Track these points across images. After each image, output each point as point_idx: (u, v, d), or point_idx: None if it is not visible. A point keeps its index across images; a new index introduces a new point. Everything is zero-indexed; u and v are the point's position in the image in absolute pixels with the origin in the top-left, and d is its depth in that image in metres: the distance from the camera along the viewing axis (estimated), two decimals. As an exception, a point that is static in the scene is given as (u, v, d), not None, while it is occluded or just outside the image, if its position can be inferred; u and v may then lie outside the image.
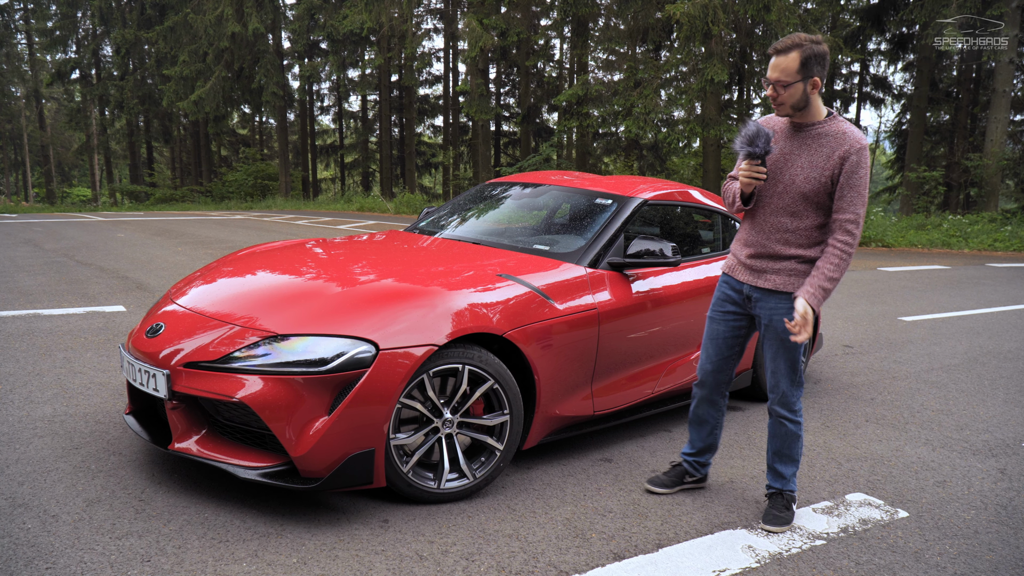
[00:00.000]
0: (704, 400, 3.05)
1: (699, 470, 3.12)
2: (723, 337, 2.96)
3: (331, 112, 40.03)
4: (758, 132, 2.62)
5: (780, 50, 2.61)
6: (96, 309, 6.23)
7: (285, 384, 2.61)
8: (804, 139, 2.71)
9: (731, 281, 2.95)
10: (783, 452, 2.91)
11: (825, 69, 2.63)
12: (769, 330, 2.83)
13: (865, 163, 2.63)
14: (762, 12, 16.12)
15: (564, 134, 28.79)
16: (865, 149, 2.64)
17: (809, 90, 2.63)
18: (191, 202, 30.26)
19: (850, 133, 2.65)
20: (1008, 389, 4.87)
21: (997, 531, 2.88)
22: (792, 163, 2.72)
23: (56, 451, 3.23)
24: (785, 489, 2.91)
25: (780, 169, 2.74)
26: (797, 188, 2.70)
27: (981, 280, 10.07)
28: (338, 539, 2.60)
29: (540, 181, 4.44)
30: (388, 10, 24.55)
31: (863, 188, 2.63)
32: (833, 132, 2.68)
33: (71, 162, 47.79)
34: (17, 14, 38.69)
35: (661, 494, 3.08)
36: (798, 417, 2.89)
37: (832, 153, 2.64)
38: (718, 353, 2.98)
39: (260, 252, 3.90)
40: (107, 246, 11.03)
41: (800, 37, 2.60)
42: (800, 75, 2.59)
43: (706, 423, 3.08)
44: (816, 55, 2.58)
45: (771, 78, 2.64)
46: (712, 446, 3.11)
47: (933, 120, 27.22)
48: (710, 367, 3.00)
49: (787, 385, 2.85)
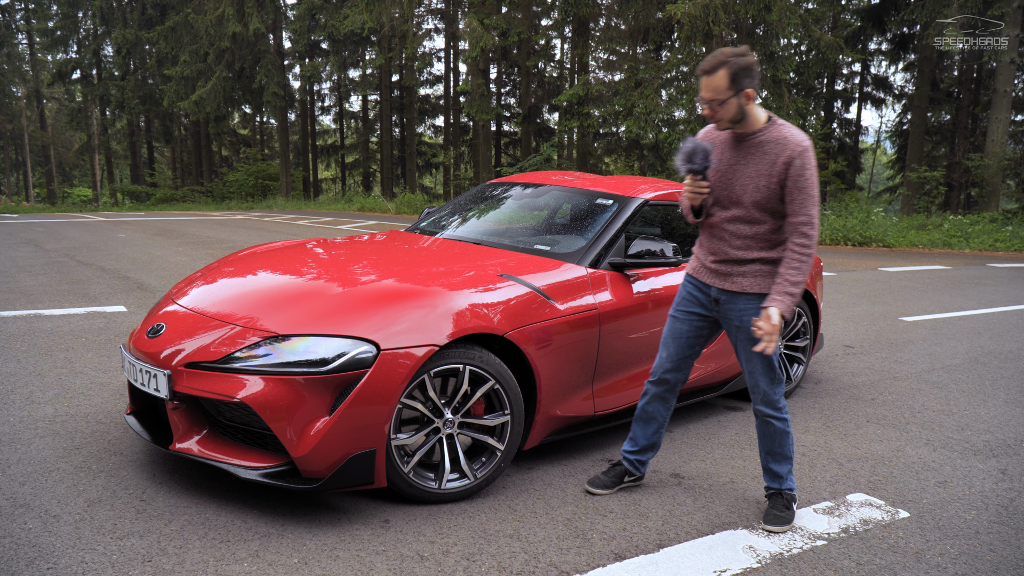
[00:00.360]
0: (657, 397, 3.05)
1: (639, 468, 3.12)
2: (685, 336, 2.97)
3: (332, 112, 40.05)
4: (695, 149, 2.67)
5: (707, 70, 2.65)
6: (97, 309, 6.23)
7: (286, 384, 2.61)
8: (747, 148, 2.75)
9: (696, 283, 2.97)
10: (775, 451, 2.91)
11: (755, 79, 2.66)
12: (741, 331, 2.84)
13: (810, 164, 2.65)
14: (763, 12, 16.11)
15: (565, 134, 28.79)
16: (808, 151, 2.66)
17: (743, 102, 2.66)
18: (192, 202, 30.28)
19: (791, 137, 2.67)
20: (1009, 389, 4.87)
21: (998, 531, 2.88)
22: (740, 173, 2.75)
23: (57, 451, 3.23)
24: (784, 488, 2.91)
25: (729, 180, 2.78)
26: (748, 197, 2.74)
27: (982, 280, 10.07)
28: (339, 539, 2.60)
29: (541, 181, 4.44)
30: (389, 10, 24.54)
31: (812, 189, 2.65)
32: (775, 139, 2.70)
33: (72, 162, 47.82)
34: (18, 14, 38.70)
35: (601, 495, 3.06)
36: (784, 414, 2.90)
37: (776, 159, 2.67)
38: (679, 352, 2.98)
39: (261, 252, 3.91)
40: (108, 246, 11.03)
41: (724, 54, 2.64)
42: (732, 90, 2.63)
43: (654, 420, 3.08)
44: (743, 68, 2.62)
45: (705, 97, 2.67)
46: (655, 444, 3.12)
47: (934, 120, 27.22)
48: (669, 365, 3.00)
49: (767, 384, 2.86)
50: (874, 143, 36.97)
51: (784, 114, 17.79)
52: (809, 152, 2.66)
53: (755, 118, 2.73)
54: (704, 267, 2.93)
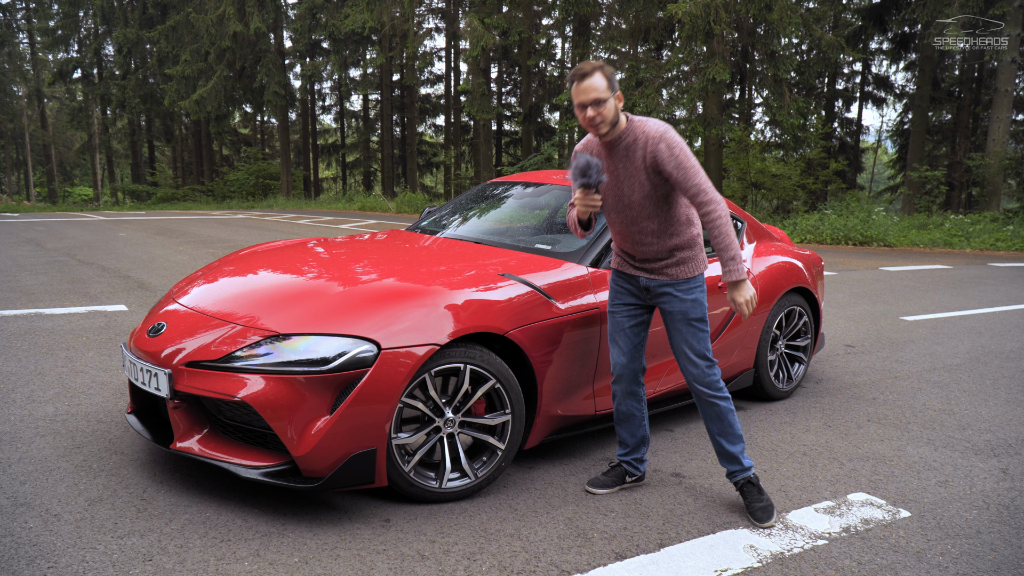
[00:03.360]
0: (626, 394, 3.09)
1: (638, 468, 3.15)
2: (628, 327, 3.04)
3: (333, 111, 40.05)
4: (588, 163, 2.72)
5: (585, 74, 2.74)
6: (98, 308, 6.24)
7: (287, 383, 2.61)
8: (619, 154, 2.85)
9: (623, 275, 3.05)
10: (725, 431, 2.95)
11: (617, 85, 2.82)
12: (670, 316, 2.94)
13: (673, 144, 2.73)
14: (764, 11, 16.09)
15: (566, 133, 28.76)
16: (665, 134, 2.75)
17: (617, 104, 2.78)
18: (193, 201, 30.28)
19: (647, 131, 2.78)
20: (1010, 389, 4.86)
21: (999, 531, 2.87)
22: (621, 179, 2.86)
23: (58, 450, 3.23)
24: (745, 469, 2.95)
25: (616, 188, 2.89)
26: (637, 196, 2.84)
27: (983, 280, 10.06)
28: (340, 538, 2.60)
29: (542, 180, 4.44)
30: (390, 9, 24.54)
31: (686, 162, 2.73)
32: (635, 137, 2.80)
33: (73, 161, 47.84)
34: (19, 13, 38.72)
35: (601, 495, 3.07)
36: (724, 392, 2.95)
37: (643, 157, 2.78)
38: (628, 343, 3.04)
39: (262, 251, 3.91)
40: (109, 245, 11.04)
41: (594, 62, 2.77)
42: (610, 90, 2.74)
43: (633, 416, 3.11)
44: (612, 72, 2.79)
45: (588, 100, 2.73)
46: (644, 439, 3.14)
47: (935, 119, 27.19)
48: (624, 359, 3.05)
49: (705, 364, 2.92)
50: (875, 142, 36.92)
51: (784, 114, 17.78)
52: (667, 134, 2.75)
53: (621, 122, 2.83)
54: (627, 263, 3.02)
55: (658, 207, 2.83)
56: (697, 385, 2.94)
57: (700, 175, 2.75)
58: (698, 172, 2.75)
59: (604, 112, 2.74)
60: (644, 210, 2.85)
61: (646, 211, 2.85)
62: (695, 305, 2.90)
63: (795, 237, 15.38)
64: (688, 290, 2.90)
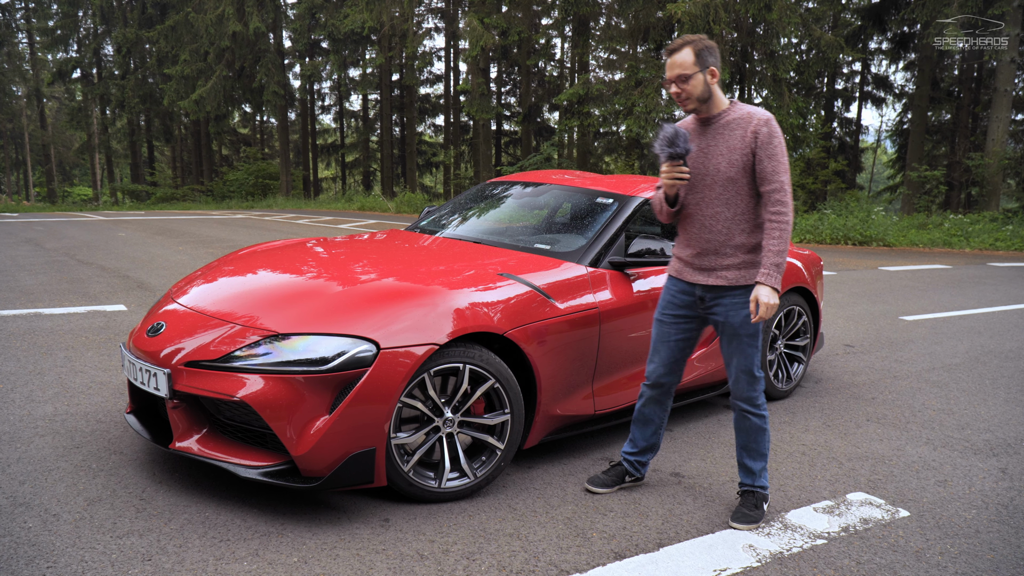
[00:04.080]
0: (652, 400, 3.06)
1: (639, 470, 3.13)
2: (674, 340, 2.98)
3: (332, 111, 40.03)
4: (676, 132, 2.69)
5: (673, 50, 2.74)
6: (97, 308, 6.23)
7: (286, 383, 2.61)
8: (715, 131, 2.81)
9: (680, 284, 2.97)
10: (750, 446, 2.92)
11: (718, 60, 2.77)
12: (726, 327, 2.86)
13: (776, 133, 2.72)
14: (763, 11, 16.10)
15: (565, 133, 28.77)
16: (772, 120, 2.74)
17: (709, 80, 2.75)
18: (192, 201, 30.27)
19: (755, 112, 2.76)
20: (1009, 388, 4.86)
21: (998, 531, 2.87)
22: (711, 154, 2.80)
23: (57, 450, 3.23)
24: (756, 486, 2.92)
25: (702, 163, 2.82)
26: (722, 175, 2.77)
27: (982, 279, 10.06)
28: (339, 538, 2.60)
29: (541, 180, 4.44)
30: (389, 9, 24.53)
31: (780, 156, 2.71)
32: (739, 116, 2.78)
33: (72, 161, 47.81)
34: (18, 13, 38.69)
35: (601, 493, 3.07)
36: (762, 411, 2.91)
37: (744, 134, 2.74)
38: (670, 356, 2.99)
39: (261, 251, 3.90)
40: (108, 245, 11.03)
41: (688, 36, 2.75)
42: (698, 66, 2.71)
43: (651, 423, 3.09)
44: (707, 47, 2.74)
45: (672, 76, 2.74)
46: (655, 446, 3.12)
47: (934, 119, 27.19)
48: (662, 370, 3.01)
49: (747, 380, 2.88)
50: (874, 142, 36.92)
51: (784, 113, 17.79)
52: (773, 122, 2.74)
53: (719, 99, 2.81)
54: (686, 265, 2.94)
55: (738, 195, 2.77)
56: (734, 398, 2.92)
57: (787, 175, 2.71)
58: (786, 171, 2.71)
59: (688, 88, 2.72)
60: (724, 193, 2.78)
61: (725, 195, 2.78)
62: (748, 320, 2.80)
63: (794, 237, 15.38)
64: (744, 303, 2.80)
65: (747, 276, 2.81)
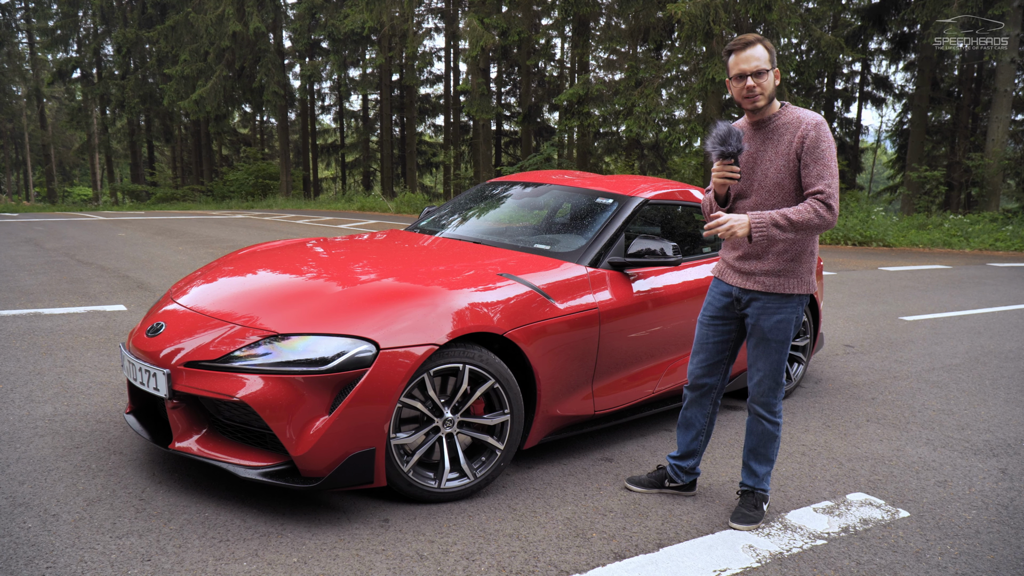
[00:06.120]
0: (693, 403, 3.05)
1: (680, 476, 3.09)
2: (713, 342, 2.97)
3: (332, 111, 40.03)
4: (730, 131, 2.64)
5: (746, 44, 2.68)
6: (97, 308, 6.23)
7: (286, 383, 2.61)
8: (767, 134, 2.77)
9: (722, 285, 2.96)
10: (759, 451, 2.91)
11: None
12: (755, 330, 2.84)
13: (825, 136, 2.67)
14: (763, 11, 16.10)
15: (565, 133, 28.79)
16: (822, 124, 2.69)
17: (775, 80, 2.72)
18: (192, 201, 30.28)
19: (804, 116, 2.72)
20: (1009, 389, 4.86)
21: (998, 531, 2.87)
22: (761, 158, 2.77)
23: (57, 450, 3.23)
24: (757, 488, 2.92)
25: (752, 167, 2.80)
26: (771, 180, 2.74)
27: (982, 280, 10.06)
28: (338, 538, 2.60)
29: (541, 180, 4.44)
30: (389, 9, 24.53)
31: (828, 160, 2.65)
32: (790, 120, 2.74)
33: (72, 161, 47.81)
34: (18, 13, 38.68)
35: (636, 492, 3.08)
36: (777, 418, 2.89)
37: (793, 138, 2.71)
38: (710, 358, 2.98)
39: (261, 251, 3.90)
40: (108, 245, 11.03)
41: (752, 35, 2.70)
42: (771, 63, 2.69)
43: (692, 427, 3.07)
44: (773, 48, 2.71)
45: (750, 69, 2.66)
46: (695, 451, 3.08)
47: (934, 120, 27.20)
48: (701, 372, 3.00)
49: (768, 385, 2.86)
50: (874, 142, 36.92)
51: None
52: (823, 126, 2.68)
53: (775, 103, 2.78)
54: (729, 267, 2.91)
55: (784, 201, 2.72)
56: (752, 401, 2.91)
57: (834, 179, 2.64)
58: (834, 176, 2.65)
59: (764, 84, 2.67)
60: (771, 197, 2.74)
61: (772, 199, 2.74)
62: (778, 327, 2.78)
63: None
64: (777, 308, 2.77)
65: (784, 284, 2.78)
